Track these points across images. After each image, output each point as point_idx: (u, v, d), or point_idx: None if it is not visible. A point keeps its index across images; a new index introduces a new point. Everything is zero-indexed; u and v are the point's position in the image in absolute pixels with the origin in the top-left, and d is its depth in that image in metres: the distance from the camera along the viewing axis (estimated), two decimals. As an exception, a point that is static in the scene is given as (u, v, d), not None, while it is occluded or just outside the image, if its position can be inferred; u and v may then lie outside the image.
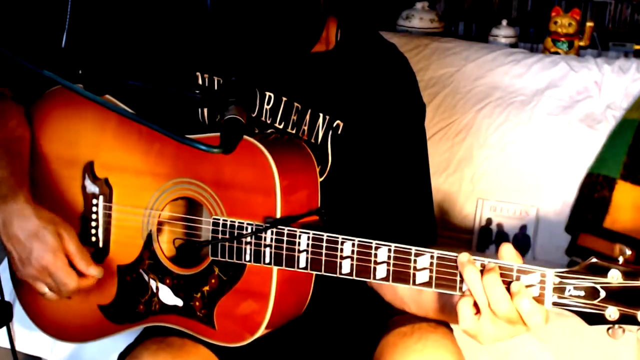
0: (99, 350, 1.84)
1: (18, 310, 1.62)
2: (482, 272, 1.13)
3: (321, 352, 1.52)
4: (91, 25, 1.67)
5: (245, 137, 1.28)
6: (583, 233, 2.25)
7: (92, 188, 1.46)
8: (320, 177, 1.43)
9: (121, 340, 1.53)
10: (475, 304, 1.14)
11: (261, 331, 1.32)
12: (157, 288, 1.41)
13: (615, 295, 1.08)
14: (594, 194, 2.26)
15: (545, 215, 2.33)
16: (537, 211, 2.33)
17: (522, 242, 2.34)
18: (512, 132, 2.42)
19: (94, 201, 1.46)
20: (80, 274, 1.40)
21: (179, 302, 1.39)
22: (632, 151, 2.25)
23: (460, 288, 1.16)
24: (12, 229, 1.38)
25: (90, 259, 1.41)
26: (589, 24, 2.89)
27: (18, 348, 2.02)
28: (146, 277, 1.42)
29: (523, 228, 2.34)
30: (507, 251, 1.14)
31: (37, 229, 1.37)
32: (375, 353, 1.42)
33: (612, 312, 1.09)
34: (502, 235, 2.35)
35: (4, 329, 1.79)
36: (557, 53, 2.78)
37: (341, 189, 1.49)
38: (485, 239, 2.38)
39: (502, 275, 1.13)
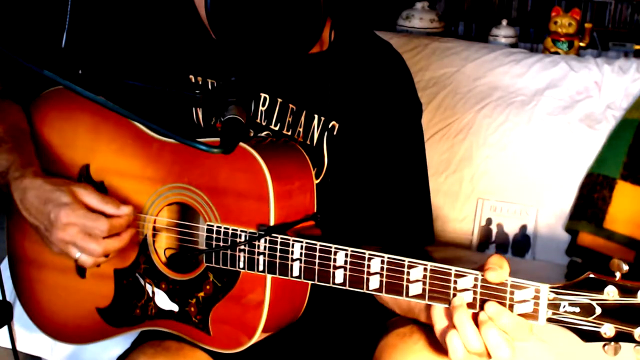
0: (98, 350, 1.85)
1: (18, 310, 1.62)
2: (473, 303, 1.13)
3: (320, 354, 1.52)
4: (91, 25, 1.67)
5: (240, 143, 1.28)
6: (583, 233, 2.25)
7: (87, 191, 1.46)
8: (316, 179, 1.42)
9: (121, 341, 1.54)
10: None
11: (256, 337, 1.32)
12: (153, 293, 1.41)
13: (611, 312, 1.06)
14: (594, 194, 2.25)
15: (545, 215, 2.33)
16: (537, 211, 2.33)
17: (522, 242, 2.34)
18: (512, 132, 2.42)
19: (90, 204, 1.46)
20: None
21: (174, 307, 1.39)
22: (632, 151, 2.25)
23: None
24: (28, 201, 1.36)
25: (116, 200, 1.35)
26: (587, 25, 2.90)
27: (18, 348, 2.03)
28: (142, 282, 1.42)
29: (523, 228, 2.34)
30: (498, 260, 1.13)
31: (50, 192, 1.35)
32: (374, 354, 1.42)
33: (608, 329, 1.07)
34: (502, 235, 2.35)
35: (5, 328, 1.80)
36: (557, 53, 2.78)
37: (337, 191, 1.49)
38: (485, 239, 2.37)
39: (495, 290, 1.12)
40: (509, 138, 2.42)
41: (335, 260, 1.22)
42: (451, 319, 1.14)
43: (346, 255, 1.21)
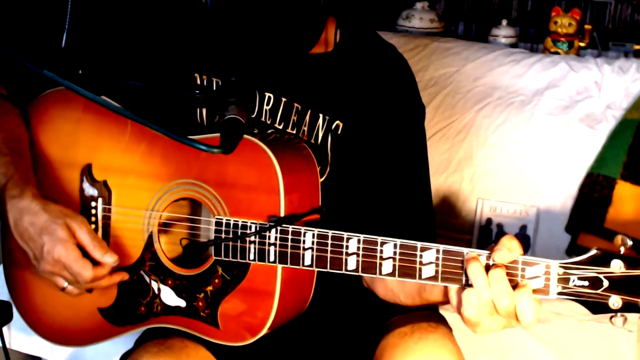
0: (99, 350, 1.84)
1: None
2: (487, 267, 1.15)
3: (321, 352, 1.52)
4: (91, 25, 1.67)
5: (247, 136, 1.28)
6: (583, 233, 2.25)
7: (90, 190, 1.45)
8: (320, 177, 1.43)
9: (122, 340, 1.53)
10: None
11: (265, 330, 1.32)
12: (158, 289, 1.41)
13: (618, 285, 1.10)
14: (594, 194, 2.26)
15: (545, 215, 2.34)
16: (537, 211, 2.33)
17: (522, 242, 2.32)
18: (512, 132, 2.43)
19: (93, 203, 1.45)
20: (95, 263, 1.37)
21: (181, 303, 1.39)
22: (632, 151, 2.25)
23: (466, 281, 1.17)
24: (22, 225, 1.37)
25: (106, 246, 1.39)
26: (587, 27, 2.91)
27: (18, 348, 2.03)
28: (147, 279, 1.42)
29: (523, 228, 2.34)
30: (507, 241, 1.16)
31: (46, 223, 1.36)
32: (375, 353, 1.43)
33: (615, 300, 1.11)
34: (502, 236, 2.35)
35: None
36: (557, 53, 2.78)
37: (341, 189, 1.50)
38: (485, 239, 2.38)
39: (507, 267, 1.15)
40: (509, 138, 2.42)
41: (347, 247, 1.23)
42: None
43: (358, 241, 1.22)
